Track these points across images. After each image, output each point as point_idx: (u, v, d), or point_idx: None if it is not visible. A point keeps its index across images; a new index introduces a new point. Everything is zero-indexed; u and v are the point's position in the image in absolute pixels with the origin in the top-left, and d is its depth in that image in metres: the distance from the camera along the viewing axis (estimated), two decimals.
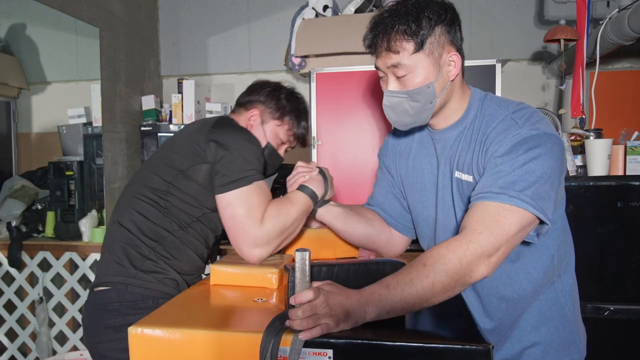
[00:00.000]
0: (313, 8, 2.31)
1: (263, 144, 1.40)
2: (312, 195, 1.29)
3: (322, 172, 1.36)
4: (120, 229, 1.27)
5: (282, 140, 1.45)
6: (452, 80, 1.07)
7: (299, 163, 1.38)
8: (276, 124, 1.43)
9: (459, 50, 1.07)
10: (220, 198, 1.23)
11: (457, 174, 1.09)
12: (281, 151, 1.47)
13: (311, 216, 1.38)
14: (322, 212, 1.32)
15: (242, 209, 1.19)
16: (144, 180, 1.30)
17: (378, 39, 1.05)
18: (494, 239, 0.90)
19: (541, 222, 0.96)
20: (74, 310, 2.62)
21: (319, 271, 0.98)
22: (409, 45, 1.01)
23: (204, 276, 1.47)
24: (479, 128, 1.06)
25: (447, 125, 1.12)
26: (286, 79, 3.04)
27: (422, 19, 1.01)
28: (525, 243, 1.04)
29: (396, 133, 1.31)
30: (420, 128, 1.22)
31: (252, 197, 1.21)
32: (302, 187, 1.30)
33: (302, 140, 1.49)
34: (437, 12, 1.02)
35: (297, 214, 1.25)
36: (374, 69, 1.12)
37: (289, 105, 1.44)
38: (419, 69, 1.03)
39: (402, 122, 1.10)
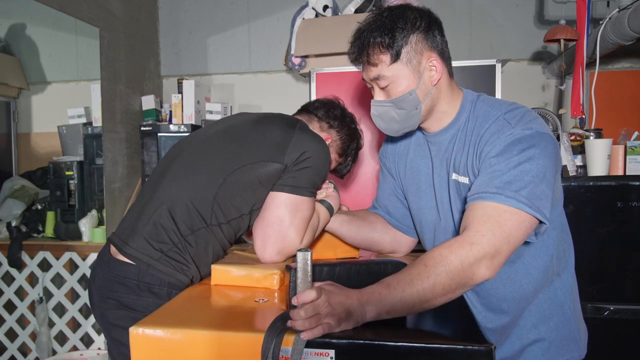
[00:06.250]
0: (313, 8, 2.31)
1: None
2: (330, 209, 1.34)
3: (335, 188, 1.40)
4: (161, 204, 1.20)
5: None
6: (435, 85, 1.08)
7: None
8: (336, 159, 1.43)
9: (442, 53, 1.08)
10: (276, 195, 1.22)
11: (454, 176, 1.10)
12: None
13: None
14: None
15: (291, 216, 1.20)
16: (208, 158, 1.23)
17: (358, 53, 1.08)
18: (496, 241, 0.90)
19: (539, 222, 0.96)
20: (74, 310, 2.61)
21: (321, 271, 0.98)
22: (386, 57, 1.04)
23: None
24: (472, 130, 1.07)
25: (440, 128, 1.13)
26: (286, 79, 3.04)
27: (395, 30, 1.03)
28: (524, 243, 1.04)
29: None
30: (415, 130, 1.23)
31: (306, 210, 1.23)
32: (323, 202, 1.33)
33: (340, 176, 1.51)
34: (411, 21, 1.04)
35: (321, 228, 1.32)
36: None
37: (355, 150, 1.45)
38: (399, 78, 1.05)
39: (391, 129, 1.13)
